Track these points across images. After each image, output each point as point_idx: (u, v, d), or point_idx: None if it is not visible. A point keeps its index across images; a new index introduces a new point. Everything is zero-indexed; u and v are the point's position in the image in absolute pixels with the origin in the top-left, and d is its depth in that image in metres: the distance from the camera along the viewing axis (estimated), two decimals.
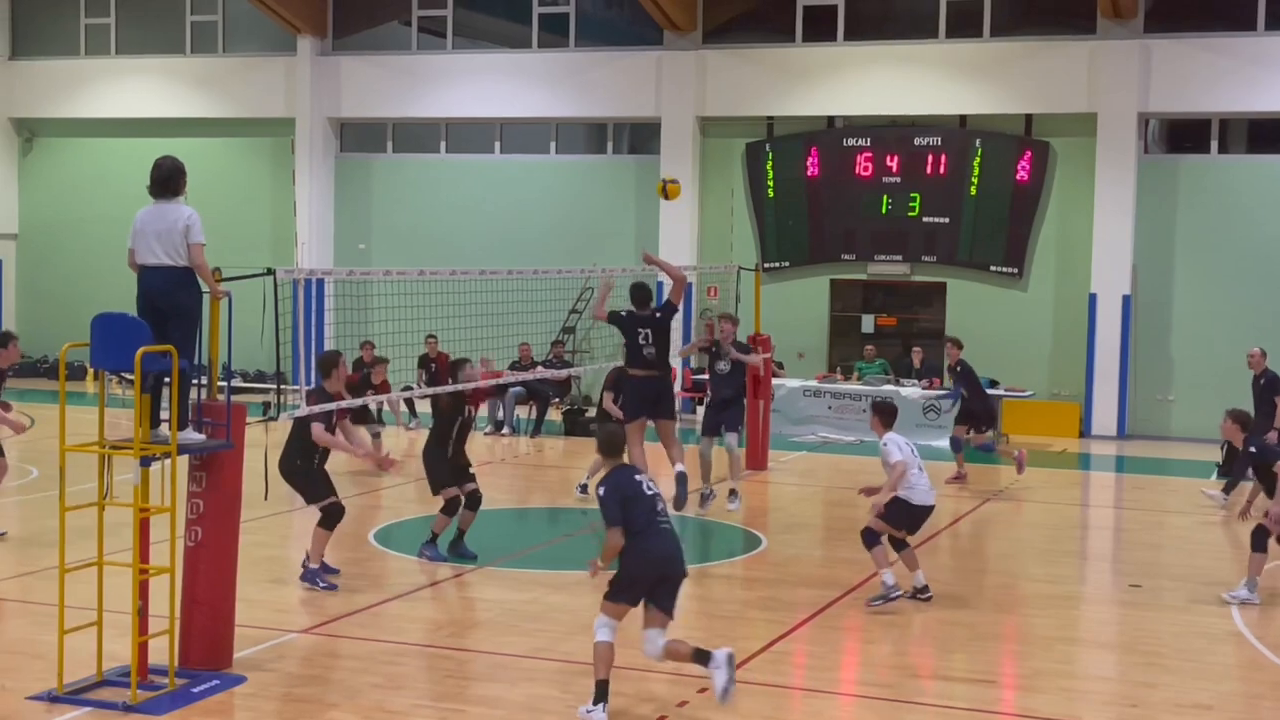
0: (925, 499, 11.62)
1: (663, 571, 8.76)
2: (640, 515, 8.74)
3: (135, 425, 8.81)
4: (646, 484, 8.90)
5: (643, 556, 8.71)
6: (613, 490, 8.76)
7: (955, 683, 9.62)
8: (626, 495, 8.76)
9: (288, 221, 27.50)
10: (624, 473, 8.94)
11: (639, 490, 8.82)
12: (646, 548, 8.72)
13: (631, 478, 8.90)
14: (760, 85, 25.17)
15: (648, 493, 8.85)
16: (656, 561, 8.74)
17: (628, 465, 9.10)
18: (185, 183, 9.39)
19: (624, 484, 8.81)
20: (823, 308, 25.35)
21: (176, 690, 8.80)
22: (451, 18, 27.25)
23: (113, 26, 29.17)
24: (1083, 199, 23.66)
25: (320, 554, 11.94)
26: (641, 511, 8.76)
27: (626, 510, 8.70)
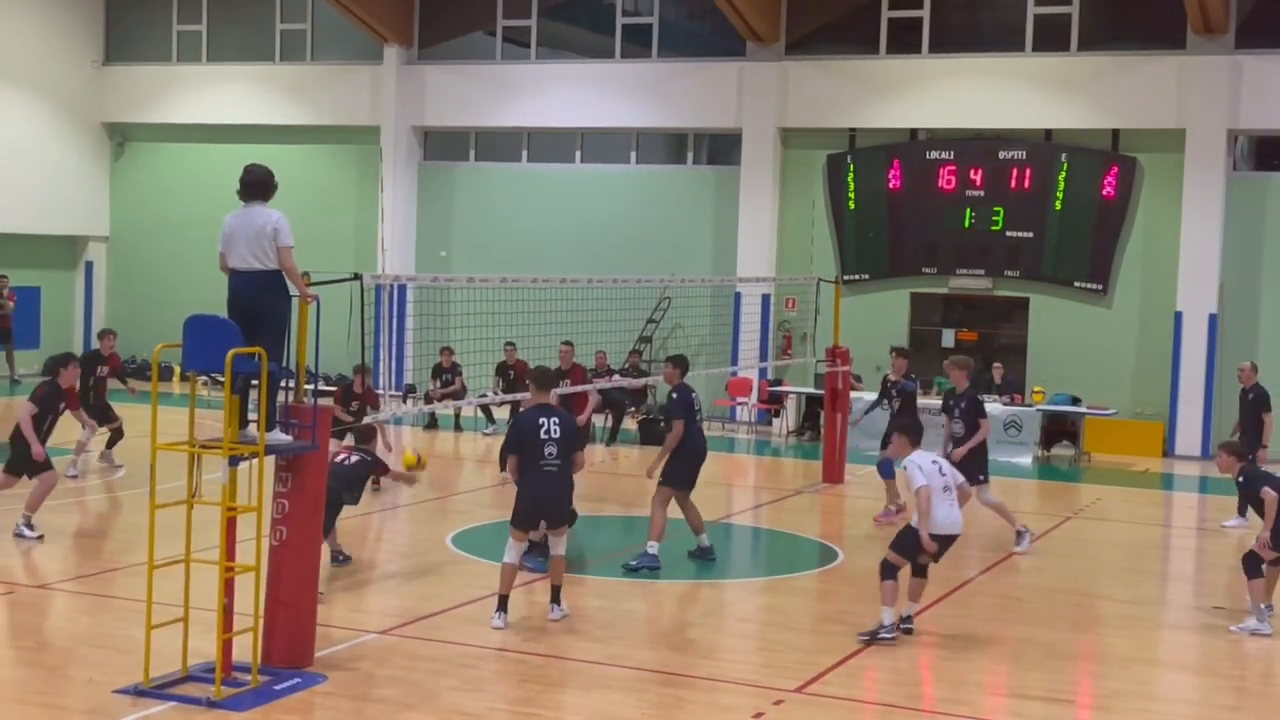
0: (945, 527, 10.74)
1: (542, 510, 10.77)
2: (530, 454, 10.59)
3: (224, 425, 8.97)
4: (549, 428, 10.63)
5: (528, 493, 10.71)
6: (519, 424, 10.80)
7: (1031, 700, 9.55)
8: (524, 432, 10.67)
9: (372, 228, 27.80)
10: (534, 412, 10.77)
11: (536, 432, 10.61)
12: (531, 486, 10.68)
13: (536, 419, 10.67)
14: (843, 97, 25.10)
15: (543, 436, 10.60)
16: (538, 500, 10.71)
17: (544, 406, 10.82)
18: (275, 188, 9.56)
19: (528, 422, 10.70)
20: (902, 321, 25.22)
21: (259, 687, 8.94)
22: (535, 28, 27.45)
23: (204, 33, 29.68)
24: (1169, 216, 23.36)
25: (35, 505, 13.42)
26: (531, 451, 10.59)
27: (522, 444, 10.64)
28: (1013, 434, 21.85)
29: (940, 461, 11.01)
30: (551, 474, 10.67)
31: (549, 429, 10.63)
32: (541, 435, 10.59)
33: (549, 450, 10.60)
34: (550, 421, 10.67)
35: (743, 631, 11.52)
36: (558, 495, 10.81)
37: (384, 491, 16.64)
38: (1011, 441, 21.76)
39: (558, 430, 10.69)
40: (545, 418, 10.70)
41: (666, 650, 10.40)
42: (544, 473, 10.63)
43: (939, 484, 10.73)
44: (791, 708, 9.12)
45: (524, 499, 10.72)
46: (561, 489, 10.82)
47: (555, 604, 11.11)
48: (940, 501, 10.70)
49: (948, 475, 10.87)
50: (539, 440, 10.60)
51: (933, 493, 10.64)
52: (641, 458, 21.55)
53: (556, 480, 10.74)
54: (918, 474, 10.62)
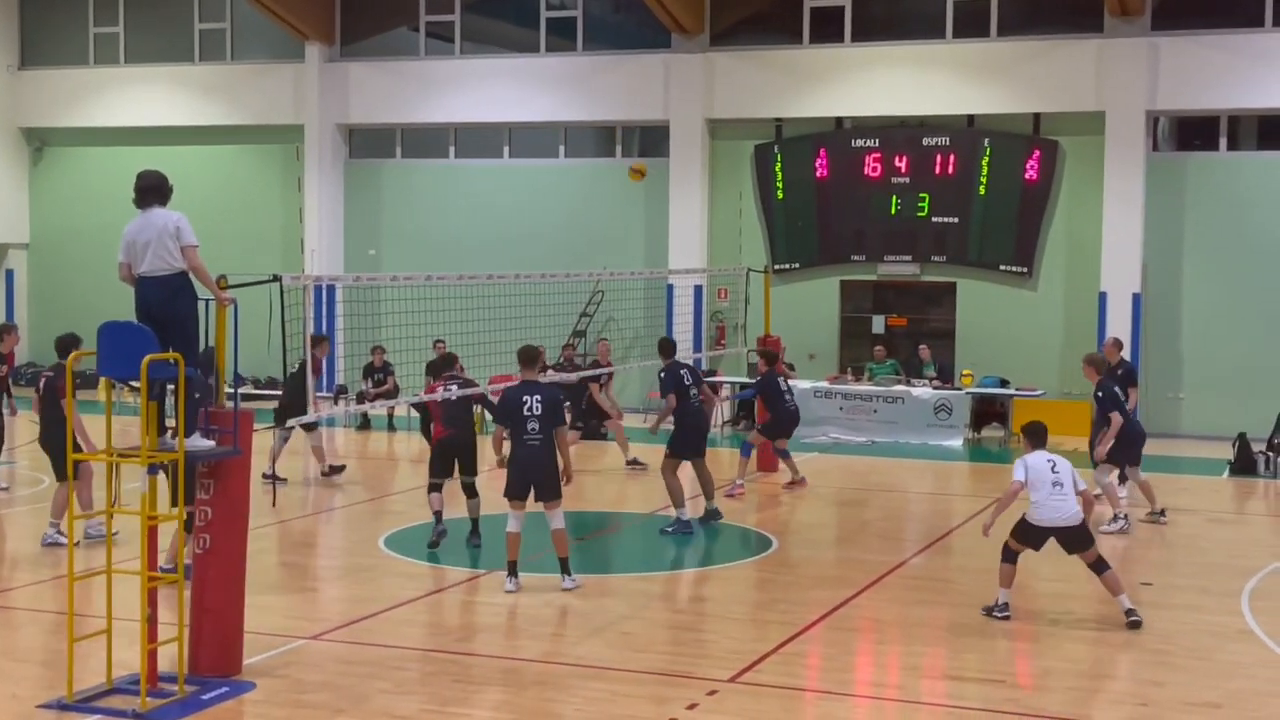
0: (1046, 518, 11.15)
1: (527, 480, 11.77)
2: (515, 428, 11.70)
3: (141, 433, 8.83)
4: (532, 404, 11.67)
5: (514, 464, 11.80)
6: (505, 400, 11.81)
7: (966, 682, 9.60)
8: (511, 408, 11.69)
9: (297, 228, 27.55)
10: (520, 389, 11.79)
11: (520, 408, 11.67)
12: (516, 458, 11.78)
13: (520, 396, 11.71)
14: (768, 87, 25.16)
15: (525, 413, 11.65)
16: (523, 471, 11.76)
17: (529, 383, 11.86)
18: (170, 191, 9.38)
19: (514, 398, 11.71)
20: (833, 309, 25.34)
21: (186, 697, 8.81)
22: (459, 23, 27.30)
23: (121, 35, 29.27)
24: (1092, 198, 23.61)
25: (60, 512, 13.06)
26: (516, 424, 11.68)
27: (509, 419, 11.75)
28: (943, 417, 22.01)
29: (1055, 459, 11.36)
30: (534, 447, 11.72)
31: (531, 405, 11.67)
32: (524, 412, 11.66)
33: (531, 425, 11.66)
34: (533, 398, 11.70)
35: (678, 623, 11.50)
36: (541, 465, 11.75)
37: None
38: (942, 424, 21.91)
39: (539, 407, 11.68)
40: (529, 394, 11.72)
41: (601, 645, 10.37)
42: (527, 446, 11.72)
43: (1049, 479, 11.18)
44: (725, 697, 9.12)
45: (511, 470, 11.83)
46: (545, 460, 11.78)
47: (566, 574, 11.93)
48: (1048, 496, 11.14)
49: (1061, 472, 11.27)
50: (522, 416, 11.65)
51: (1031, 489, 11.18)
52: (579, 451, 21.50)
53: (539, 452, 11.74)
54: (1020, 470, 11.29)
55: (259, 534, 10.52)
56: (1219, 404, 22.88)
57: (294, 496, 16.68)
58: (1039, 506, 11.20)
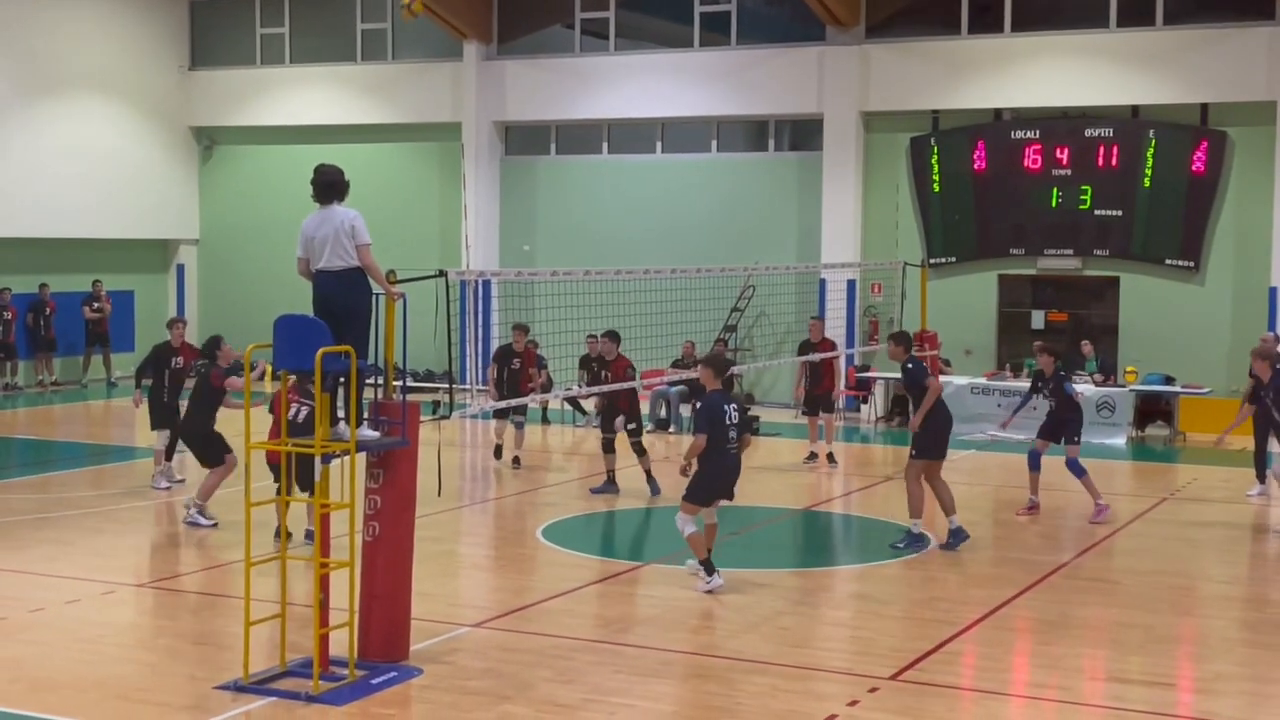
0: None
1: (723, 488, 11.67)
2: (717, 435, 11.42)
3: (316, 424, 9.08)
4: (730, 414, 11.55)
5: (714, 472, 11.53)
6: (707, 409, 11.63)
7: (1131, 685, 9.42)
8: (714, 417, 11.51)
9: (455, 224, 27.99)
10: (719, 397, 11.64)
11: (722, 417, 11.51)
12: (716, 466, 11.51)
13: (721, 404, 11.56)
14: (924, 79, 24.87)
15: (728, 421, 11.52)
16: (723, 479, 11.62)
17: (724, 392, 11.75)
18: (347, 188, 9.64)
19: (717, 406, 11.57)
20: (990, 303, 24.96)
21: (356, 681, 9.05)
22: (614, 19, 27.46)
23: (287, 36, 30.03)
24: (1262, 190, 22.89)
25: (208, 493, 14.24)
26: (719, 433, 11.43)
27: (712, 427, 11.42)
28: (1105, 415, 21.54)
29: None
30: (735, 455, 11.73)
31: (730, 415, 11.62)
32: (726, 420, 11.57)
33: (732, 434, 11.60)
34: (730, 408, 11.68)
35: (836, 619, 11.46)
36: (737, 473, 11.89)
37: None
38: (1104, 423, 21.45)
39: (736, 415, 11.71)
40: (727, 404, 11.70)
41: (759, 639, 10.39)
42: (729, 455, 11.64)
43: None
44: (886, 695, 9.08)
45: (709, 477, 11.62)
46: (739, 468, 11.94)
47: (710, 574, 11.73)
48: None
49: None
50: (725, 425, 11.55)
51: None
52: None
53: (738, 460, 11.83)
54: None
55: (423, 522, 10.74)
56: None
57: (451, 487, 16.97)
58: None
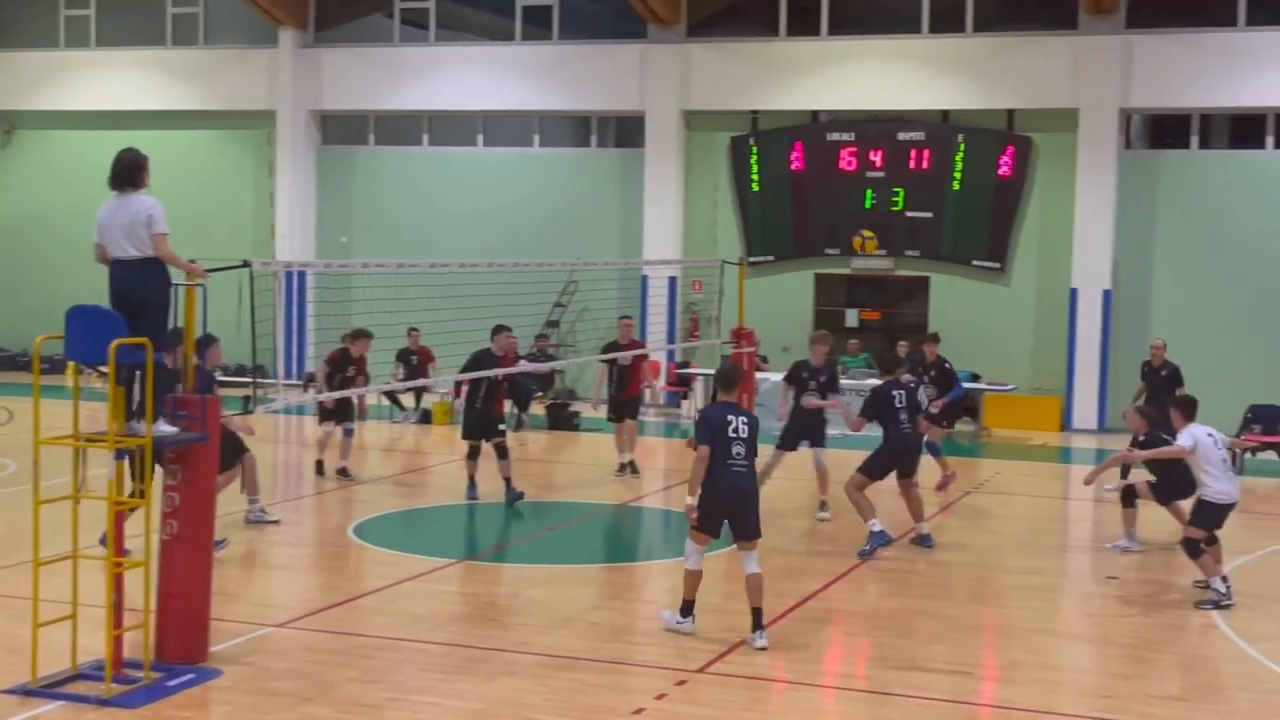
0: (1222, 496, 11.46)
1: (724, 511, 10.02)
2: (719, 450, 9.91)
3: (109, 418, 8.77)
4: (738, 426, 9.98)
5: (711, 491, 9.94)
6: (707, 417, 10.14)
7: (934, 674, 9.62)
8: (714, 426, 9.97)
9: (268, 215, 27.43)
10: (724, 409, 10.15)
11: (725, 428, 9.96)
12: (715, 483, 9.93)
13: (725, 415, 10.04)
14: (744, 79, 25.16)
15: (731, 434, 9.94)
16: (721, 497, 9.97)
17: (729, 404, 10.22)
18: (147, 175, 9.32)
19: (718, 415, 10.06)
20: (807, 302, 25.37)
21: (151, 684, 8.76)
22: (434, 10, 27.19)
23: (93, 18, 29.05)
24: (1064, 194, 23.70)
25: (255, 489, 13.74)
26: (721, 446, 9.92)
27: (714, 439, 9.92)
28: None
29: (1215, 433, 11.66)
30: (740, 474, 10.01)
31: (737, 427, 9.99)
32: (730, 433, 9.97)
33: (736, 449, 9.98)
34: (739, 419, 10.04)
35: (648, 613, 11.47)
36: (745, 497, 10.11)
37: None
38: None
39: (746, 430, 10.03)
40: (734, 415, 10.06)
41: (570, 635, 10.36)
42: (732, 472, 9.98)
43: (1218, 455, 11.49)
44: (694, 688, 9.13)
45: (708, 499, 10.00)
46: (751, 489, 10.18)
47: (758, 629, 10.03)
48: (1219, 473, 11.47)
49: (1222, 449, 11.61)
50: (727, 437, 9.96)
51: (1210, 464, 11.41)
52: (551, 442, 21.54)
53: (746, 480, 10.09)
54: (1186, 439, 11.51)
55: (227, 521, 10.45)
56: None
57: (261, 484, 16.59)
58: (1218, 484, 11.45)
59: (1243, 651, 10.33)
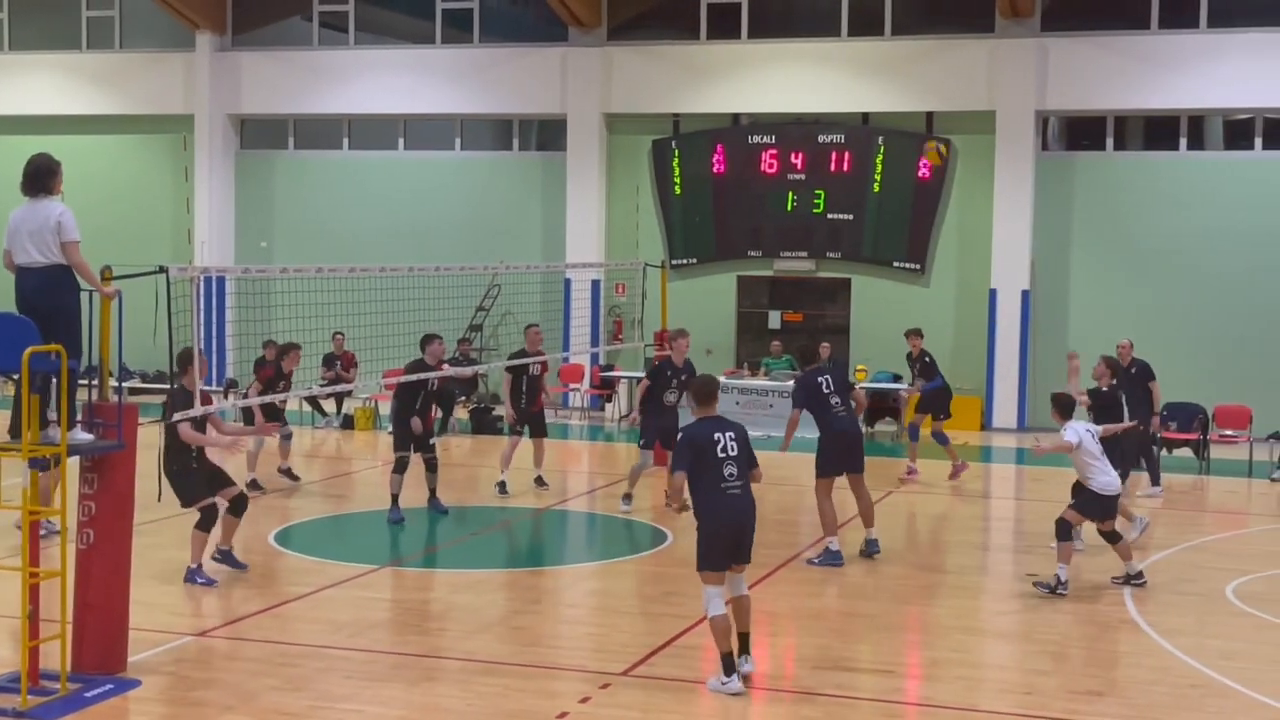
0: (1108, 488, 11.90)
1: (736, 536, 9.08)
2: (709, 473, 8.99)
3: (23, 427, 8.62)
4: (726, 443, 9.05)
5: (711, 521, 9.03)
6: (686, 439, 9.14)
7: (857, 673, 9.71)
8: (700, 447, 9.04)
9: (186, 219, 27.12)
10: (707, 425, 9.18)
11: (712, 447, 9.02)
12: (712, 511, 9.01)
13: (711, 433, 9.09)
14: (666, 82, 25.23)
15: (720, 454, 9.01)
16: (725, 527, 9.01)
17: (715, 419, 9.24)
18: (59, 180, 9.18)
19: (702, 434, 9.10)
20: (730, 304, 25.48)
21: (69, 695, 8.63)
22: (353, 13, 27.01)
23: (5, 21, 28.56)
24: (983, 195, 23.99)
25: (198, 555, 11.90)
26: (711, 469, 8.99)
27: (700, 462, 8.98)
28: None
29: (1091, 430, 12.14)
30: (736, 496, 9.06)
31: (726, 445, 9.04)
32: (719, 453, 9.01)
33: (729, 470, 9.01)
34: (725, 435, 9.07)
35: (571, 617, 11.50)
36: (748, 520, 9.14)
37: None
38: None
39: (735, 445, 9.09)
40: (720, 432, 9.09)
41: (493, 640, 10.34)
42: (728, 496, 9.02)
43: (1098, 448, 11.98)
44: (618, 691, 9.13)
45: (710, 531, 9.03)
46: (751, 510, 9.17)
47: (745, 654, 9.30)
48: (1103, 465, 11.94)
49: (1098, 443, 12.05)
50: (717, 457, 9.01)
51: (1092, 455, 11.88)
52: (474, 446, 21.46)
53: (744, 501, 9.12)
54: (1072, 435, 11.88)
55: (144, 529, 10.30)
56: None
57: None
58: (1102, 474, 11.90)
59: (1160, 646, 10.50)
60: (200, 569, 11.87)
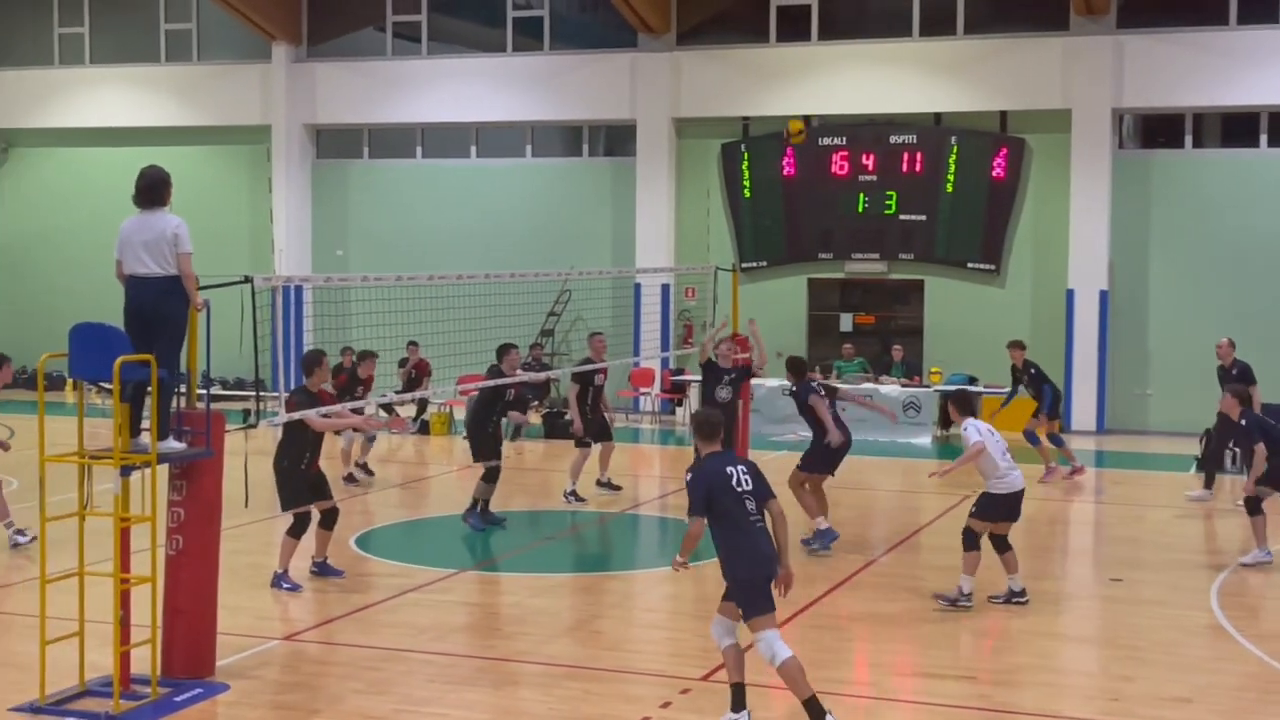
0: (1011, 487, 11.58)
1: (768, 573, 8.26)
2: (733, 513, 8.23)
3: (115, 435, 8.79)
4: (739, 476, 8.30)
5: (746, 562, 8.25)
6: (699, 479, 8.31)
7: (937, 679, 9.66)
8: (716, 487, 8.26)
9: (265, 229, 27.47)
10: (717, 460, 8.41)
11: (729, 483, 8.27)
12: (742, 550, 8.25)
13: (723, 469, 8.33)
14: (735, 86, 25.22)
15: (740, 490, 8.27)
16: (762, 563, 8.24)
17: (719, 455, 8.47)
18: (170, 191, 9.38)
19: (715, 471, 8.32)
20: (800, 307, 25.42)
21: (159, 699, 8.79)
22: (426, 23, 27.25)
23: (87, 36, 29.08)
24: (1059, 195, 23.77)
25: (286, 560, 12.09)
26: (734, 509, 8.24)
27: (719, 502, 8.23)
28: (912, 415, 22.08)
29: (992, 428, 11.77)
30: (763, 530, 8.34)
31: (740, 480, 8.30)
32: (735, 488, 8.27)
33: (750, 505, 8.28)
34: (738, 469, 8.36)
35: (650, 621, 11.54)
36: (773, 555, 8.33)
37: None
38: (911, 422, 21.99)
39: (750, 480, 8.35)
40: (732, 466, 8.37)
41: (572, 644, 10.40)
42: (756, 530, 8.29)
43: (1000, 447, 11.53)
44: (699, 696, 9.16)
45: (746, 572, 8.28)
46: (773, 548, 8.36)
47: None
48: (1005, 464, 11.52)
49: (1000, 440, 11.67)
50: (738, 495, 8.27)
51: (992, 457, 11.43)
52: (547, 451, 21.56)
53: (768, 537, 8.36)
54: (974, 434, 11.50)
55: (228, 534, 10.47)
56: (1185, 400, 23.04)
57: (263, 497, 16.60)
58: (1002, 477, 11.51)
59: (1247, 651, 10.37)
60: (286, 574, 12.04)
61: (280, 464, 11.99)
